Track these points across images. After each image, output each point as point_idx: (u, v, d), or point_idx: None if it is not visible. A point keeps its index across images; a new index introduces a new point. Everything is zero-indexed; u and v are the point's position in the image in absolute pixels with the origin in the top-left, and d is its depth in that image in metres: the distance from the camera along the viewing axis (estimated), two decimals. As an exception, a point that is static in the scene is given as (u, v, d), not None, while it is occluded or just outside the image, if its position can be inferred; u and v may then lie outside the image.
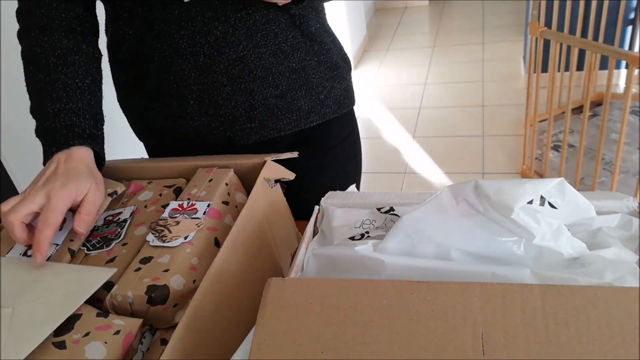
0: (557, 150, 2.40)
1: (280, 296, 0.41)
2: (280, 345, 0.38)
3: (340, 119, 0.92)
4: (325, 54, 0.84)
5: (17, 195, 0.63)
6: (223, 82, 0.78)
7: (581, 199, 0.48)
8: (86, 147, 0.69)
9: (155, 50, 0.77)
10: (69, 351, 0.45)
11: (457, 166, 2.50)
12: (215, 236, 0.60)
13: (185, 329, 0.45)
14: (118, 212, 0.67)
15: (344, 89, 0.90)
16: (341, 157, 0.95)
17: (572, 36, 1.81)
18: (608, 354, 0.34)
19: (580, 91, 2.69)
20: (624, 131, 1.67)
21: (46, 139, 0.69)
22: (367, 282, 0.41)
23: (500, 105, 2.94)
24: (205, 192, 0.65)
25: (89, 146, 0.69)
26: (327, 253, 0.51)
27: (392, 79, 3.50)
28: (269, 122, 0.83)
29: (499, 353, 0.35)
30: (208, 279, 0.50)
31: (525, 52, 3.04)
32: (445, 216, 0.48)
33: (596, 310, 0.36)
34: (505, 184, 0.46)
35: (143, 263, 0.55)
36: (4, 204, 0.61)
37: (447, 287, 0.39)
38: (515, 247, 0.46)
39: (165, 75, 0.78)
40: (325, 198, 0.62)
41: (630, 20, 2.60)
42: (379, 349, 0.36)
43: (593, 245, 0.48)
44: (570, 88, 1.87)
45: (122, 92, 0.88)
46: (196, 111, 0.80)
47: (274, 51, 0.78)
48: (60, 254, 0.59)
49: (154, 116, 0.84)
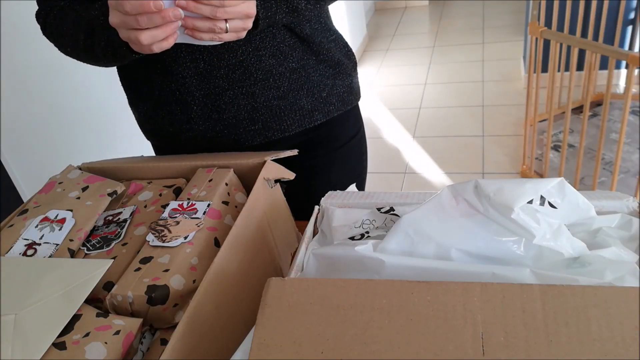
0: (557, 150, 2.40)
1: (280, 296, 0.41)
2: (280, 345, 0.38)
3: (346, 118, 0.91)
4: (324, 52, 0.84)
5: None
6: (224, 86, 0.78)
7: (581, 198, 0.48)
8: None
9: (157, 60, 0.78)
10: (69, 351, 0.45)
11: (457, 166, 2.50)
12: (215, 236, 0.60)
13: (185, 329, 0.45)
14: (118, 212, 0.66)
15: (347, 85, 0.89)
16: (348, 157, 0.95)
17: (572, 36, 1.81)
18: (608, 354, 0.34)
19: (580, 91, 2.69)
20: (624, 131, 1.67)
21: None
22: (367, 282, 0.41)
23: (500, 105, 2.93)
24: (205, 192, 0.65)
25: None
26: (327, 253, 0.51)
27: (392, 79, 3.50)
28: (273, 124, 0.83)
29: (499, 353, 0.35)
30: (208, 279, 0.50)
31: (525, 52, 3.04)
32: (445, 216, 0.48)
33: (596, 310, 0.36)
34: (505, 184, 0.46)
35: (143, 263, 0.55)
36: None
37: (447, 287, 0.39)
38: (515, 247, 0.46)
39: (167, 82, 0.79)
40: (325, 198, 0.62)
41: (630, 20, 2.60)
42: (379, 349, 0.36)
43: (593, 245, 0.48)
44: (570, 88, 1.87)
45: (130, 92, 0.88)
46: (200, 116, 0.81)
47: (273, 52, 0.78)
48: (60, 254, 0.59)
49: (160, 121, 0.84)
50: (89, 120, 1.57)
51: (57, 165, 0.86)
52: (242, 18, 0.63)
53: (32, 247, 0.60)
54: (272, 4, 0.70)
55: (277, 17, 0.71)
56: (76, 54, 0.76)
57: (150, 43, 0.60)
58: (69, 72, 1.48)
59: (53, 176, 0.73)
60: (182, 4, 0.59)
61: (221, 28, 0.62)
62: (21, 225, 0.63)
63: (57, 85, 1.45)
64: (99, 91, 1.60)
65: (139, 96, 0.86)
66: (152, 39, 0.59)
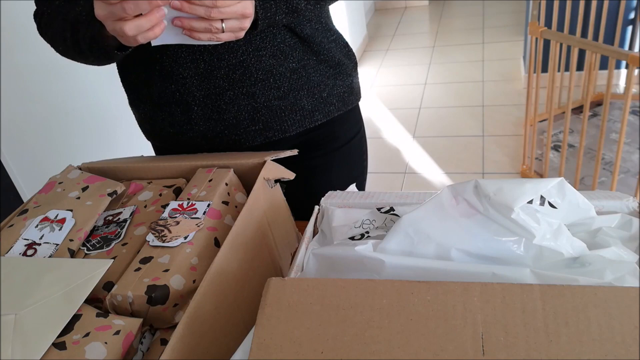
0: (557, 150, 2.40)
1: (280, 296, 0.41)
2: (280, 345, 0.38)
3: (346, 118, 0.92)
4: (325, 52, 0.84)
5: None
6: (225, 87, 0.78)
7: (581, 198, 0.48)
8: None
9: (156, 61, 0.77)
10: (69, 352, 0.45)
11: (457, 166, 2.50)
12: (215, 236, 0.60)
13: (185, 329, 0.45)
14: (118, 212, 0.66)
15: (347, 85, 0.89)
16: (348, 157, 0.95)
17: (572, 36, 1.81)
18: (608, 354, 0.34)
19: (580, 91, 2.69)
20: (624, 131, 1.67)
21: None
22: (367, 282, 0.41)
23: (500, 105, 2.94)
24: (205, 192, 0.65)
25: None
26: (327, 253, 0.51)
27: (392, 79, 3.50)
28: (273, 124, 0.83)
29: (499, 353, 0.35)
30: (208, 279, 0.50)
31: (525, 52, 3.04)
32: (445, 216, 0.48)
33: (596, 310, 0.36)
34: (505, 184, 0.46)
35: (143, 263, 0.55)
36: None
37: (447, 287, 0.39)
38: (515, 246, 0.46)
39: (167, 84, 0.79)
40: (325, 198, 0.62)
41: (630, 20, 2.60)
42: (379, 349, 0.36)
43: (593, 245, 0.48)
44: (570, 88, 1.87)
45: (130, 92, 0.88)
46: (200, 117, 0.81)
47: (274, 52, 0.78)
48: (60, 254, 0.59)
49: (161, 123, 0.84)
50: (89, 120, 1.57)
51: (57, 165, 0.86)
52: (238, 18, 0.63)
53: (32, 247, 0.60)
54: (271, 5, 0.70)
55: (277, 18, 0.71)
56: (69, 54, 0.75)
57: (135, 34, 0.59)
58: (69, 72, 1.48)
59: (53, 176, 0.73)
60: (177, 5, 0.59)
61: (217, 28, 0.62)
62: (21, 225, 0.63)
63: (57, 85, 1.45)
64: (99, 91, 1.60)
65: (139, 97, 0.85)
66: (137, 30, 0.59)
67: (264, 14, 0.69)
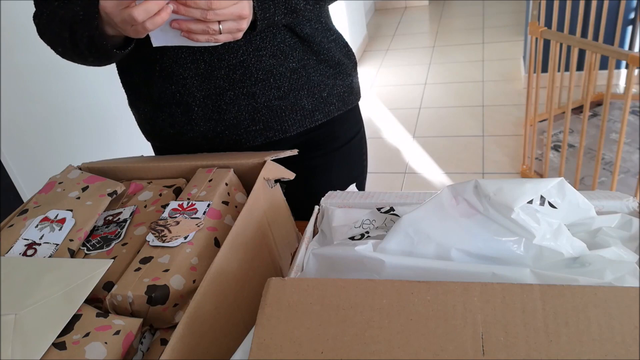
0: (557, 150, 2.39)
1: (280, 296, 0.41)
2: (280, 345, 0.38)
3: (346, 118, 0.92)
4: (325, 52, 0.84)
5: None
6: (225, 87, 0.78)
7: (581, 198, 0.48)
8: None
9: (156, 61, 0.77)
10: (69, 351, 0.45)
11: (457, 166, 2.50)
12: (215, 236, 0.60)
13: (185, 329, 0.45)
14: (118, 212, 0.66)
15: (347, 85, 0.90)
16: (348, 157, 0.95)
17: (572, 36, 1.81)
18: (608, 354, 0.34)
19: (580, 91, 2.69)
20: (624, 131, 1.67)
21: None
22: (367, 282, 0.41)
23: (500, 105, 2.93)
24: (205, 192, 0.65)
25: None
26: (327, 253, 0.51)
27: (392, 79, 3.50)
28: (274, 124, 0.83)
29: (499, 353, 0.35)
30: (208, 279, 0.50)
31: (525, 52, 3.04)
32: (445, 216, 0.48)
33: (596, 310, 0.36)
34: (505, 184, 0.46)
35: (143, 263, 0.55)
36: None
37: (447, 287, 0.39)
38: (515, 246, 0.46)
39: (167, 84, 0.79)
40: (325, 198, 0.62)
41: (630, 20, 2.60)
42: (379, 349, 0.36)
43: (593, 245, 0.48)
44: (570, 88, 1.87)
45: (130, 92, 0.88)
46: (201, 117, 0.81)
47: (274, 52, 0.78)
48: (60, 254, 0.59)
49: (161, 124, 0.84)
50: (89, 120, 1.57)
51: (57, 165, 0.86)
52: (235, 19, 0.63)
53: (32, 247, 0.60)
54: (270, 5, 0.70)
55: (276, 18, 0.71)
56: (68, 55, 0.75)
57: (144, 18, 0.59)
58: (69, 72, 1.48)
59: (53, 176, 0.73)
60: (173, 8, 0.60)
61: (214, 29, 0.62)
62: (21, 225, 0.63)
63: (57, 85, 1.45)
64: (99, 91, 1.60)
65: (139, 97, 0.85)
66: (146, 13, 0.59)
67: (262, 14, 0.69)
